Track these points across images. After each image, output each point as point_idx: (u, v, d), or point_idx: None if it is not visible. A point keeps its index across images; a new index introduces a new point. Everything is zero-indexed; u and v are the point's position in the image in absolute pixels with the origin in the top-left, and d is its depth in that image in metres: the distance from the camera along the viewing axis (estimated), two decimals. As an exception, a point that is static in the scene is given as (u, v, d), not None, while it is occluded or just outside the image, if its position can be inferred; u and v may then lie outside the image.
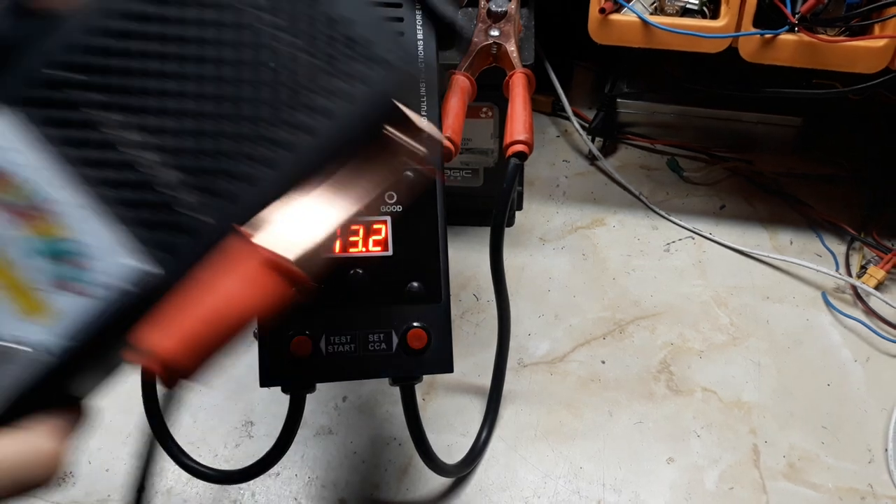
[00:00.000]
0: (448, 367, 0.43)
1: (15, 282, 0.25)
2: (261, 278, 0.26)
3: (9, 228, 0.25)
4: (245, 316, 0.26)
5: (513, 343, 0.54)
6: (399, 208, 0.42)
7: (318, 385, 0.42)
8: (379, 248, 0.41)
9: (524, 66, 0.51)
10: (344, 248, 0.41)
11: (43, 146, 0.26)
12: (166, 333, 0.25)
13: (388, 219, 0.42)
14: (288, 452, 0.42)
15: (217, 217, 0.26)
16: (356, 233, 0.41)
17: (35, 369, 0.25)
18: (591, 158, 0.75)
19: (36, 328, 0.25)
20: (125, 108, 0.27)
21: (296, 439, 0.42)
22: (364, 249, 0.41)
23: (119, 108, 0.27)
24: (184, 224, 0.26)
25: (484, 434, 0.53)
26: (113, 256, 0.26)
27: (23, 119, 0.26)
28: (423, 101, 0.43)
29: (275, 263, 0.26)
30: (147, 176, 0.26)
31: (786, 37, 0.54)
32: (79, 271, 0.25)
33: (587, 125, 0.75)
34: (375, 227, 0.42)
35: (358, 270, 0.41)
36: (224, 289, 0.25)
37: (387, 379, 0.43)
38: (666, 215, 0.69)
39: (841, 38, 0.54)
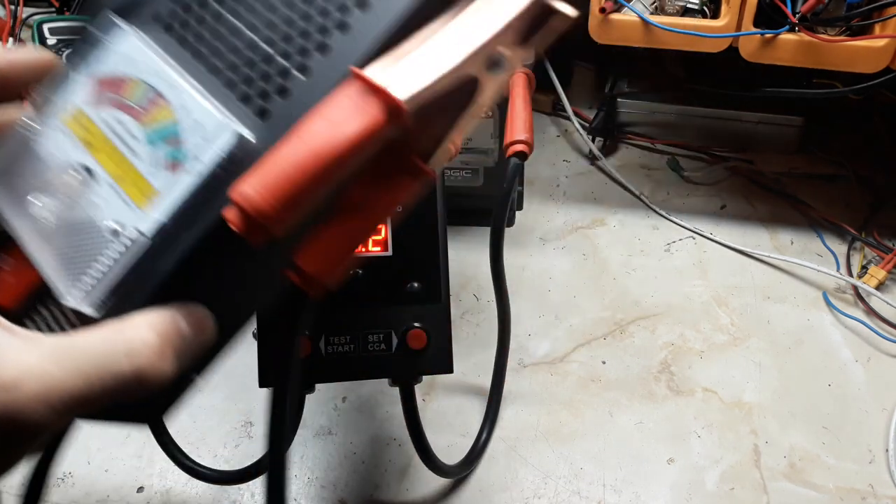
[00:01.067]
0: (448, 368, 0.43)
1: (134, 173, 0.26)
2: (361, 106, 0.23)
3: (132, 125, 0.26)
4: (337, 152, 0.23)
5: (513, 343, 0.54)
6: (399, 209, 0.42)
7: (318, 385, 0.42)
8: (379, 249, 0.41)
9: (524, 65, 0.51)
10: None
11: (156, 33, 0.27)
12: (254, 180, 0.23)
13: (388, 219, 0.42)
14: (287, 453, 0.42)
15: (313, 74, 0.26)
16: None
17: (134, 253, 0.25)
18: (591, 158, 0.75)
19: (140, 214, 0.25)
20: None
21: (296, 440, 0.42)
22: (364, 250, 0.41)
23: None
24: (278, 87, 0.26)
25: (484, 435, 0.52)
26: (210, 129, 0.26)
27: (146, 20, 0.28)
28: None
29: (374, 87, 0.23)
30: (244, 44, 0.27)
31: (786, 36, 0.54)
32: (180, 149, 0.26)
33: (587, 125, 0.75)
34: None
35: (358, 271, 0.41)
36: (316, 126, 0.23)
37: (386, 379, 0.42)
38: (666, 215, 0.69)
39: (841, 37, 0.54)
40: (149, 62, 0.27)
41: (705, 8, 0.57)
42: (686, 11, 0.57)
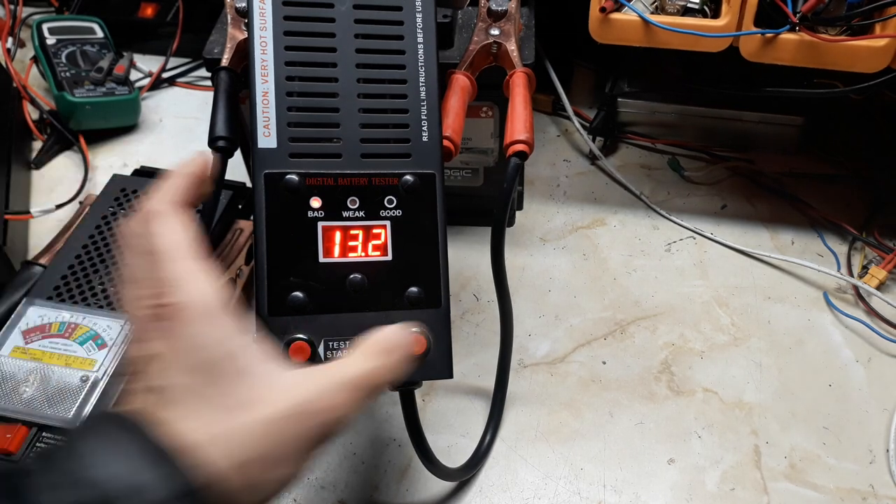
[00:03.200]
0: (447, 373, 0.42)
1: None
2: None
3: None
4: None
5: (513, 344, 0.54)
6: (399, 213, 0.42)
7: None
8: (378, 253, 0.41)
9: (524, 65, 0.51)
10: (343, 252, 0.41)
11: None
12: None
13: (388, 223, 0.42)
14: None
15: None
16: (355, 237, 0.41)
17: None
18: (591, 158, 0.75)
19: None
20: None
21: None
22: (363, 254, 0.41)
23: None
24: None
25: (487, 438, 0.52)
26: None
27: None
28: (423, 104, 0.42)
29: None
30: None
31: (787, 36, 0.54)
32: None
33: (588, 124, 0.75)
34: (375, 231, 0.41)
35: (357, 275, 0.40)
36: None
37: None
38: (667, 215, 0.69)
39: (842, 37, 0.53)
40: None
41: (706, 7, 0.57)
42: (686, 11, 0.57)
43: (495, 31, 0.51)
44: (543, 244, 0.67)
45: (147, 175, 0.64)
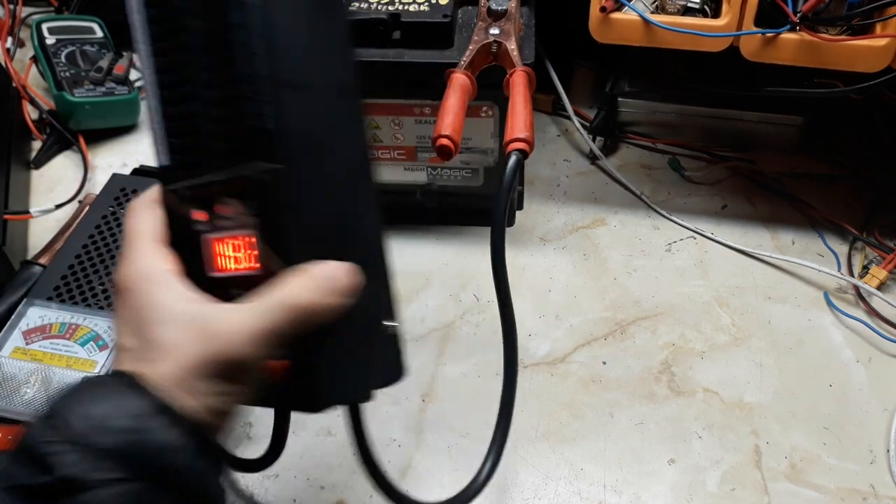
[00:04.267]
0: (313, 406, 0.36)
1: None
2: None
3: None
4: None
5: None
6: (260, 220, 0.35)
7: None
8: (249, 263, 0.35)
9: (525, 64, 0.51)
10: (222, 266, 0.35)
11: None
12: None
13: (256, 231, 0.35)
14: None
15: None
16: (229, 248, 0.35)
17: None
18: (591, 158, 0.75)
19: None
20: None
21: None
22: (235, 267, 0.35)
23: None
24: None
25: (485, 471, 0.46)
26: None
27: None
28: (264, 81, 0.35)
29: None
30: None
31: (787, 36, 0.54)
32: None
33: (588, 124, 0.75)
34: (244, 241, 0.35)
35: (236, 290, 0.35)
36: None
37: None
38: (667, 215, 0.69)
39: (842, 37, 0.53)
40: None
41: (706, 7, 0.57)
42: (687, 10, 0.57)
43: (495, 31, 0.51)
44: (543, 244, 0.67)
45: (147, 175, 0.64)
